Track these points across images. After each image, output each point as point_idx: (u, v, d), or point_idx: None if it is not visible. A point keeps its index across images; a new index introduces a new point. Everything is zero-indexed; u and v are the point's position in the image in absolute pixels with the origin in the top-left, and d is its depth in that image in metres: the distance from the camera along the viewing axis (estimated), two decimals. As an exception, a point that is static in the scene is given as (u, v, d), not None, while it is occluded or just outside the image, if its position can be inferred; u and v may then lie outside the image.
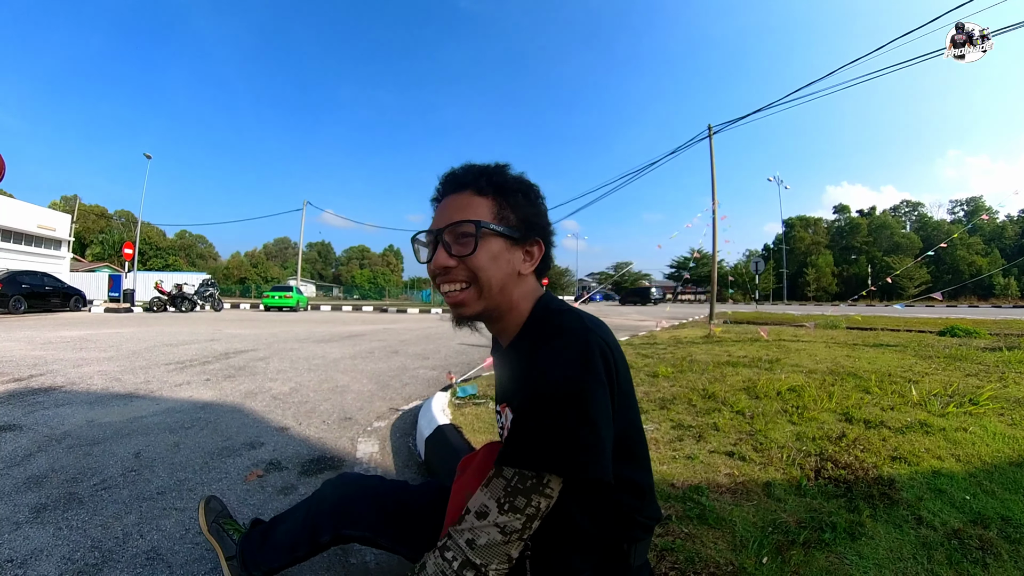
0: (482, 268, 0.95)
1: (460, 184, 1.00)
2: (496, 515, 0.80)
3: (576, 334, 0.88)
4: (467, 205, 0.97)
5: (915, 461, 2.35)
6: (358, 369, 6.04)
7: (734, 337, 9.13)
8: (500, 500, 0.81)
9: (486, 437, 2.75)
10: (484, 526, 0.80)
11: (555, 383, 0.82)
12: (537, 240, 1.02)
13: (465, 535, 0.81)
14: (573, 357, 0.85)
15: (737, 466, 2.32)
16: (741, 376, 4.59)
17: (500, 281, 0.97)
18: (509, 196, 0.99)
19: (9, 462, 2.56)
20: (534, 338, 0.93)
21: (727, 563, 1.50)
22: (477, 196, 0.98)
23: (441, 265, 0.96)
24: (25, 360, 5.96)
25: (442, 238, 0.97)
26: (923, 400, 3.46)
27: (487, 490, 0.83)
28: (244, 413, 3.73)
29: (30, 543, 1.77)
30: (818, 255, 64.25)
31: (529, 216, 1.01)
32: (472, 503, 0.84)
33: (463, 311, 1.00)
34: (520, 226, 0.99)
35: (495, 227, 0.96)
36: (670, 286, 72.96)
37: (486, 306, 0.98)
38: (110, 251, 58.75)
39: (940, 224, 64.96)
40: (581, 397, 0.82)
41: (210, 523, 1.55)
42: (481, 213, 0.96)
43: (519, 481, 0.81)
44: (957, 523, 1.77)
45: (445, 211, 0.99)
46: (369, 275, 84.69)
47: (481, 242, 0.94)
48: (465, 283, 0.97)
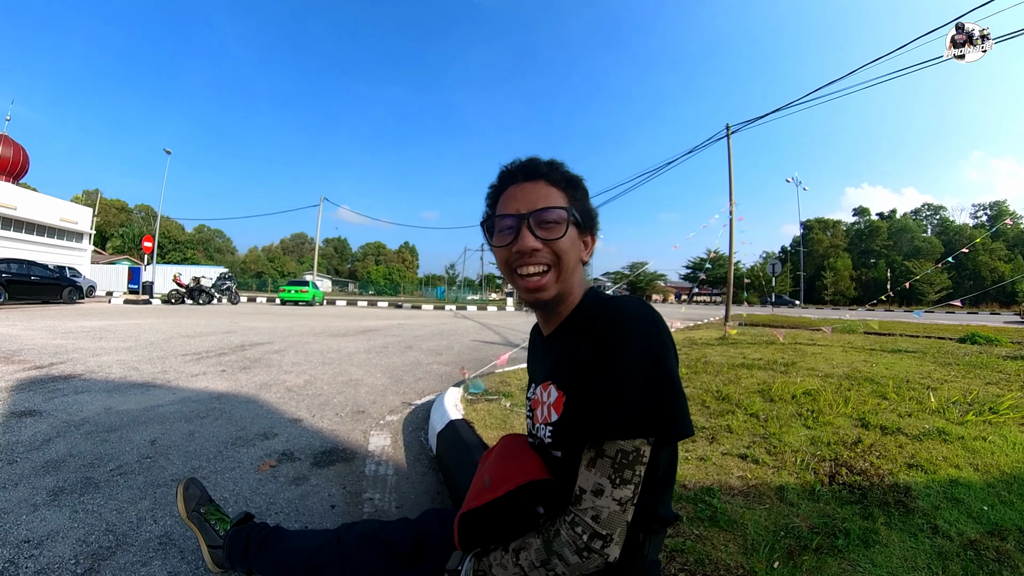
0: (565, 252, 0.99)
1: (535, 173, 1.03)
2: (611, 490, 0.85)
3: (643, 307, 0.93)
4: (548, 194, 1.00)
5: (932, 469, 2.31)
6: (372, 363, 6.08)
7: (749, 339, 9.05)
8: (611, 477, 0.85)
9: (498, 433, 2.75)
10: (604, 502, 0.85)
11: (640, 352, 0.87)
12: (592, 233, 1.08)
13: (589, 512, 0.86)
14: (648, 325, 0.90)
15: (750, 469, 2.30)
16: (756, 379, 4.54)
17: (573, 266, 1.02)
18: (575, 188, 1.04)
19: (29, 446, 2.61)
20: (594, 318, 0.96)
21: (738, 566, 1.49)
22: (551, 186, 1.02)
23: (530, 247, 0.98)
24: (46, 349, 6.08)
25: (528, 222, 0.99)
26: (941, 407, 3.40)
27: (596, 470, 0.87)
28: (258, 404, 3.77)
29: (47, 525, 1.80)
30: (836, 258, 63.45)
31: (588, 209, 1.06)
32: (585, 483, 0.88)
33: (542, 294, 1.02)
34: (583, 217, 1.04)
35: (576, 215, 1.01)
36: (686, 287, 72.51)
37: (561, 289, 1.02)
38: (130, 244, 59.68)
39: (962, 228, 63.68)
40: (664, 359, 0.88)
41: (190, 510, 1.55)
42: (560, 203, 1.00)
43: (622, 457, 0.85)
44: (974, 533, 1.73)
45: (525, 198, 1.01)
46: (384, 271, 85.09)
47: (568, 228, 0.99)
48: (547, 266, 1.00)
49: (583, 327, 0.98)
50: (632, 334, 0.89)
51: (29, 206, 26.94)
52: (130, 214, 73.12)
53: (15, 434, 2.79)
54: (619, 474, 0.85)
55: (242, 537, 1.39)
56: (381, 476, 2.49)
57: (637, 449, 0.86)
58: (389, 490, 2.32)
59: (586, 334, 0.96)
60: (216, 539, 1.46)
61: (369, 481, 2.42)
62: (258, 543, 1.36)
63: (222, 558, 1.43)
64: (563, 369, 1.01)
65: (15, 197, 26.27)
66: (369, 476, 2.48)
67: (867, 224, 68.29)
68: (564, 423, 0.97)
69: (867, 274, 61.81)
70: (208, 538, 1.47)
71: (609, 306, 0.95)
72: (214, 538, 1.46)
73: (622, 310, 0.92)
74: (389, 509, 2.13)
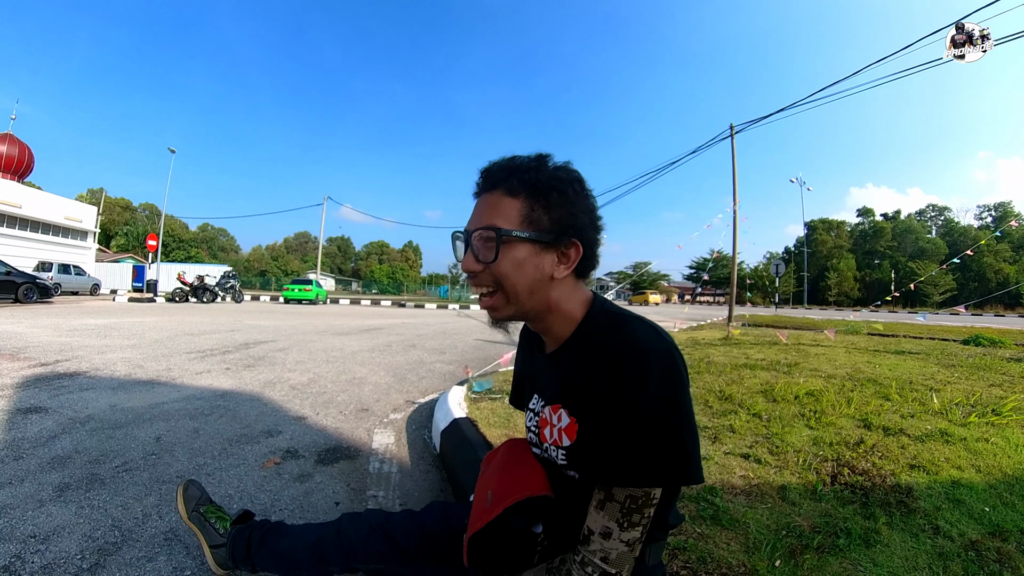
0: (505, 276, 0.91)
1: (493, 182, 0.95)
2: (619, 533, 0.86)
3: (660, 339, 0.87)
4: (496, 206, 0.92)
5: (934, 470, 2.31)
6: (376, 362, 6.10)
7: (752, 340, 9.03)
8: (619, 521, 0.86)
9: (501, 431, 2.76)
10: (612, 544, 0.86)
11: (658, 394, 0.83)
12: (574, 241, 0.93)
13: (598, 553, 0.87)
14: (667, 360, 0.85)
15: (752, 468, 2.31)
16: (759, 379, 4.54)
17: (527, 287, 0.92)
18: (542, 196, 0.91)
19: (35, 443, 2.63)
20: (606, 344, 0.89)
21: (739, 564, 1.50)
22: (507, 196, 0.92)
23: (468, 270, 0.94)
24: (51, 346, 6.11)
25: (471, 241, 0.94)
26: (944, 409, 3.40)
27: (604, 513, 0.87)
28: (262, 402, 3.79)
29: (53, 520, 1.82)
30: (840, 259, 63.23)
31: (564, 216, 0.92)
32: (594, 524, 0.88)
33: (494, 314, 0.98)
34: (552, 228, 0.92)
35: (518, 233, 0.90)
36: (689, 287, 72.41)
37: (517, 310, 0.96)
38: (134, 242, 59.78)
39: (967, 230, 63.35)
40: (682, 401, 0.85)
41: (190, 510, 1.52)
42: (510, 215, 0.91)
43: (631, 503, 0.85)
44: (975, 534, 1.74)
45: (476, 212, 0.96)
46: (388, 270, 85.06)
47: (503, 248, 0.90)
48: (492, 288, 0.94)
49: (594, 350, 0.91)
50: (650, 374, 0.83)
51: (34, 204, 27.04)
52: (134, 212, 73.23)
53: (21, 430, 2.81)
54: (627, 518, 0.85)
55: (244, 535, 1.37)
56: (385, 474, 2.50)
57: (647, 493, 0.85)
58: (393, 487, 2.34)
59: (597, 359, 0.89)
60: (217, 538, 1.44)
61: (373, 478, 2.43)
62: (259, 539, 1.34)
63: (225, 557, 1.40)
64: (574, 395, 0.95)
65: (20, 195, 26.38)
66: (373, 473, 2.49)
67: (871, 225, 68.01)
68: (579, 448, 0.93)
69: (871, 275, 61.57)
70: (209, 538, 1.44)
71: (622, 332, 0.88)
72: (215, 537, 1.44)
73: (638, 343, 0.85)
74: (393, 506, 2.14)
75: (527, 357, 1.20)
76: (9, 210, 25.46)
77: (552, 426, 0.99)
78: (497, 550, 0.97)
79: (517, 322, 1.04)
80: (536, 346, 1.13)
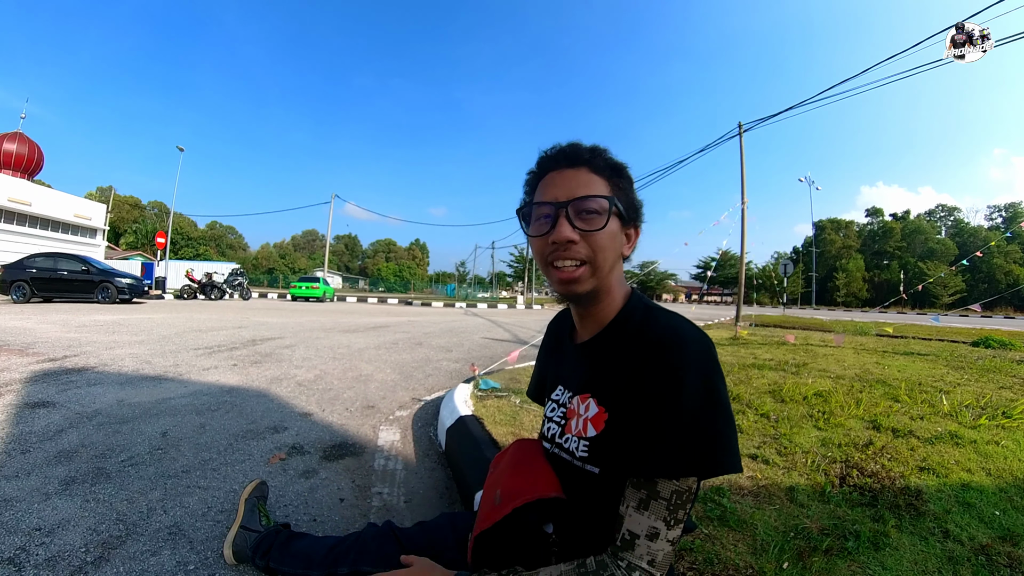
0: (604, 246, 0.92)
1: (578, 160, 0.95)
2: (666, 532, 0.83)
3: (697, 330, 0.88)
4: (589, 182, 0.93)
5: (944, 473, 2.28)
6: (382, 359, 6.10)
7: (760, 340, 8.99)
8: (666, 519, 0.83)
9: (507, 429, 2.75)
10: (659, 545, 0.83)
11: (698, 383, 0.82)
12: (636, 225, 1.00)
13: (645, 558, 0.83)
14: (705, 351, 0.85)
15: (760, 469, 2.29)
16: (767, 379, 4.51)
17: (612, 261, 0.95)
18: (620, 178, 0.97)
19: (42, 437, 2.65)
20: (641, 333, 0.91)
21: (747, 566, 1.48)
22: (594, 174, 0.94)
23: (566, 238, 0.91)
24: (60, 342, 6.16)
25: (567, 211, 0.92)
26: (954, 411, 3.37)
27: (649, 512, 0.84)
28: (269, 398, 3.79)
29: (58, 513, 1.83)
30: (849, 259, 62.85)
31: (633, 200, 0.99)
32: (637, 527, 0.84)
33: (576, 287, 0.94)
34: (627, 208, 0.97)
35: (619, 205, 0.93)
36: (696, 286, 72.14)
37: (596, 284, 0.95)
38: (143, 240, 60.28)
39: (977, 230, 62.79)
40: (721, 390, 0.83)
41: (249, 496, 1.70)
42: (603, 191, 0.93)
43: (677, 498, 0.83)
44: (985, 539, 1.71)
45: (565, 185, 0.94)
46: (395, 268, 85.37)
47: (610, 219, 0.93)
48: (583, 260, 0.93)
49: (628, 339, 0.92)
50: (690, 362, 0.83)
51: (44, 202, 27.23)
52: (143, 210, 73.78)
53: (29, 424, 2.83)
54: (674, 515, 0.83)
55: (273, 534, 1.47)
56: (390, 470, 2.50)
57: (690, 488, 0.83)
58: (398, 484, 2.33)
59: (632, 349, 0.90)
60: (254, 523, 1.57)
61: (378, 475, 2.43)
62: (284, 540, 1.42)
63: (245, 544, 1.51)
64: (604, 383, 0.94)
65: (30, 194, 26.57)
66: (378, 470, 2.49)
67: (880, 225, 67.57)
68: (605, 440, 0.91)
69: (880, 275, 61.19)
70: (246, 520, 1.59)
71: (660, 323, 0.90)
72: (252, 522, 1.58)
73: (677, 332, 0.86)
74: (397, 503, 2.13)
75: (552, 348, 1.21)
76: (19, 208, 25.66)
77: (579, 416, 0.97)
78: (504, 549, 0.96)
79: (580, 303, 1.02)
80: (566, 336, 1.13)
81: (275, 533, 1.47)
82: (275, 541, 1.43)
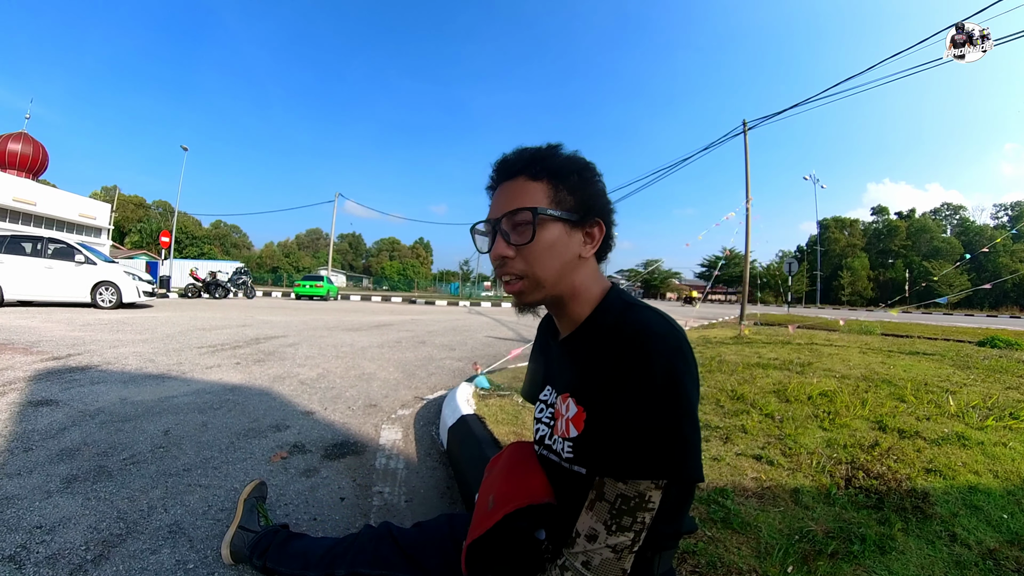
0: (538, 257, 0.92)
1: (513, 171, 0.96)
2: (605, 537, 0.80)
3: (668, 325, 0.85)
4: (521, 191, 0.93)
5: (951, 475, 2.25)
6: (385, 358, 6.10)
7: (765, 339, 8.95)
8: (607, 523, 0.80)
9: (509, 428, 2.74)
10: (596, 548, 0.81)
11: (661, 380, 0.79)
12: (597, 221, 0.97)
13: (580, 557, 0.82)
14: (674, 347, 0.82)
15: (764, 470, 2.27)
16: (771, 379, 4.48)
17: (558, 268, 0.94)
18: (564, 178, 0.94)
19: (44, 434, 2.65)
20: (616, 329, 0.88)
21: (750, 570, 1.46)
22: (531, 181, 0.94)
23: (499, 255, 0.93)
24: (64, 340, 6.17)
25: (500, 227, 0.94)
26: (961, 411, 3.33)
27: (592, 513, 0.82)
28: (271, 396, 3.79)
29: (59, 511, 1.82)
30: (854, 258, 62.60)
31: (586, 197, 0.96)
32: (581, 525, 0.83)
33: (523, 299, 0.97)
34: (578, 208, 0.94)
35: (552, 212, 0.92)
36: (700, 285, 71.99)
37: (547, 294, 0.96)
38: (148, 239, 60.57)
39: (983, 229, 62.44)
40: (687, 391, 0.80)
41: (248, 497, 1.70)
42: (537, 199, 0.92)
43: (622, 503, 0.80)
44: (993, 542, 1.69)
45: (501, 199, 0.96)
46: (399, 267, 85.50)
47: (539, 229, 0.91)
48: (519, 274, 0.94)
49: (603, 337, 0.90)
50: (654, 355, 0.80)
51: (49, 202, 27.35)
52: (148, 210, 74.10)
53: (31, 422, 2.83)
54: (616, 521, 0.80)
55: (270, 535, 1.47)
56: (391, 470, 2.49)
57: (641, 495, 0.79)
58: (399, 484, 2.32)
59: (606, 346, 0.87)
60: (252, 524, 1.56)
61: (379, 474, 2.42)
62: (283, 541, 1.42)
63: (243, 544, 1.50)
64: (582, 382, 0.93)
65: (35, 193, 26.70)
66: (379, 469, 2.48)
67: (885, 223, 67.28)
68: (586, 440, 0.89)
69: (885, 274, 60.95)
70: (244, 520, 1.58)
71: (630, 317, 0.88)
72: (251, 522, 1.57)
73: (647, 326, 0.84)
74: (398, 503, 2.12)
75: (543, 348, 1.19)
76: (24, 207, 25.79)
77: (563, 416, 0.96)
78: (497, 557, 0.95)
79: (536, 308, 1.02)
80: (552, 335, 1.12)
81: (273, 533, 1.47)
82: (273, 541, 1.43)
